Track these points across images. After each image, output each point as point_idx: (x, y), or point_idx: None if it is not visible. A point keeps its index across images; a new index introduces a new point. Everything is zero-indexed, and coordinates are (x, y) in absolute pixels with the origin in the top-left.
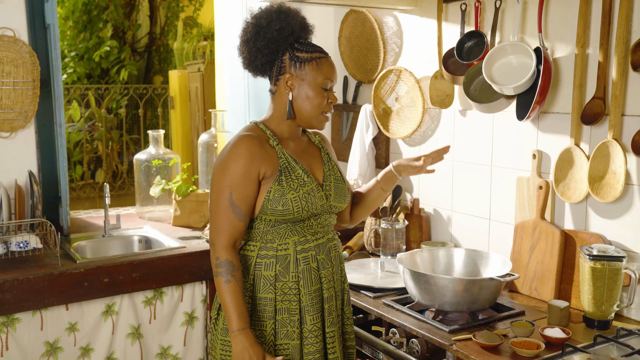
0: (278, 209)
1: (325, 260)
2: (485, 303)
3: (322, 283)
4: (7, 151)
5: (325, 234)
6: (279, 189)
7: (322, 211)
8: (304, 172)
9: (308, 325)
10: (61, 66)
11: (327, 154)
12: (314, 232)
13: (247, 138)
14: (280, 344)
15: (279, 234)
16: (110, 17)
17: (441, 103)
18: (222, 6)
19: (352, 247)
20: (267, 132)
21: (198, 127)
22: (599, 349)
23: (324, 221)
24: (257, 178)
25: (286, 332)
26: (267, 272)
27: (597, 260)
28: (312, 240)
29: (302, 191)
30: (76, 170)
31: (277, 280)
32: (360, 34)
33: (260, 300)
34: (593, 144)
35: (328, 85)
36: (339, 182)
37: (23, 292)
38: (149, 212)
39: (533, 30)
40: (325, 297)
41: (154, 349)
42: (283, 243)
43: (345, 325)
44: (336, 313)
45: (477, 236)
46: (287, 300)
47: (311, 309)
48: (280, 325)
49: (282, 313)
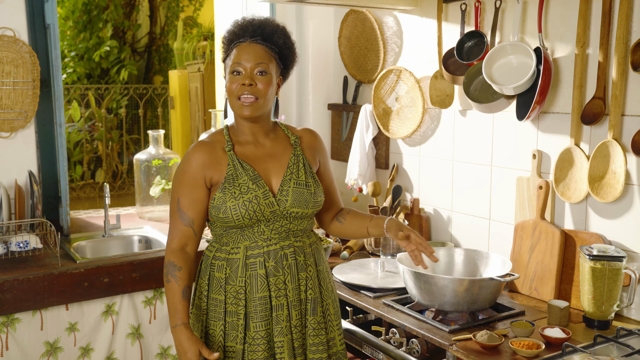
0: (219, 216)
1: (275, 267)
2: (485, 303)
3: (270, 291)
4: (7, 151)
5: (281, 240)
6: (221, 196)
7: (273, 217)
8: (250, 179)
9: (251, 332)
10: (61, 66)
11: (298, 155)
12: (266, 237)
13: (199, 146)
14: (229, 346)
15: (232, 238)
16: (110, 17)
17: (441, 103)
18: (222, 6)
19: (352, 247)
20: (226, 137)
21: (198, 127)
22: (599, 349)
23: (279, 228)
24: (205, 185)
25: (235, 336)
26: (218, 274)
27: (597, 260)
28: (262, 246)
29: (242, 199)
30: (76, 170)
31: (227, 283)
32: (360, 34)
33: (212, 301)
34: (593, 144)
35: (236, 68)
36: (301, 187)
37: (23, 292)
38: (149, 212)
39: (533, 30)
40: (274, 305)
41: (154, 349)
42: (235, 247)
43: (309, 336)
44: (287, 323)
45: (477, 236)
46: (234, 303)
47: (255, 316)
48: (230, 327)
49: (232, 316)
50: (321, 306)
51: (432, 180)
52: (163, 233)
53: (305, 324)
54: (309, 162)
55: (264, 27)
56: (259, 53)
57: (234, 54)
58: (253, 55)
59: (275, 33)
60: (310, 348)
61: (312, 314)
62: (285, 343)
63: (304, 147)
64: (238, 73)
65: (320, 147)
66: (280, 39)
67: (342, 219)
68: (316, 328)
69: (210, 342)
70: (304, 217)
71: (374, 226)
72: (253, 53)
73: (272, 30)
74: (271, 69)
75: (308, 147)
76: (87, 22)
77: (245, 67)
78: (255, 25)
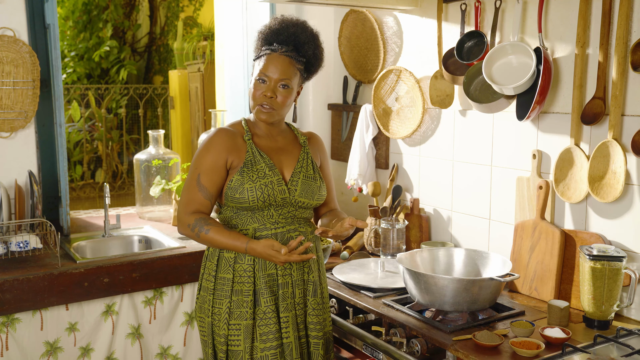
0: (236, 196)
1: None
2: (485, 303)
3: (277, 269)
4: (7, 151)
5: (287, 224)
6: (239, 178)
7: (283, 203)
8: (266, 166)
9: (262, 307)
10: (61, 66)
11: (307, 153)
12: (274, 221)
13: (223, 131)
14: (233, 324)
15: (242, 220)
16: (110, 17)
17: (441, 103)
18: (222, 6)
19: (352, 247)
20: (245, 128)
21: (198, 127)
22: (599, 349)
23: (286, 213)
24: (225, 166)
25: (240, 313)
26: (227, 254)
27: (597, 260)
28: (271, 228)
29: (259, 182)
30: (76, 170)
31: (236, 262)
32: (360, 34)
33: (220, 280)
34: (593, 144)
35: (262, 77)
36: (309, 180)
37: (23, 292)
38: (149, 212)
39: (533, 30)
40: (280, 283)
41: (154, 349)
42: (244, 229)
43: (309, 315)
44: (292, 300)
45: (477, 236)
46: (242, 282)
47: (265, 292)
48: (235, 305)
49: (238, 294)
50: (320, 289)
51: (432, 180)
52: (163, 233)
53: (306, 304)
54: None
55: (297, 35)
56: (285, 68)
57: (263, 61)
58: (280, 69)
59: (307, 43)
60: (309, 326)
61: (313, 295)
62: (290, 318)
63: (310, 147)
64: (263, 82)
65: (322, 149)
66: (310, 49)
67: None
68: (316, 308)
69: (216, 320)
70: (308, 207)
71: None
72: (280, 67)
73: (305, 40)
74: (293, 83)
75: (313, 149)
76: (87, 22)
77: (270, 79)
78: (290, 32)
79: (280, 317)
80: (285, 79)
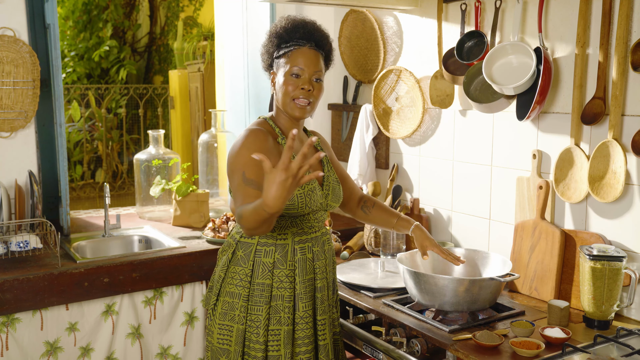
0: None
1: (319, 252)
2: (485, 303)
3: (315, 273)
4: (7, 151)
5: (320, 228)
6: None
7: (319, 208)
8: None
9: (300, 312)
10: (61, 66)
11: (325, 155)
12: (310, 226)
13: (258, 132)
14: (272, 329)
15: (279, 225)
16: (110, 17)
17: (441, 103)
18: (222, 6)
19: (352, 247)
20: (275, 130)
21: (198, 127)
22: (599, 349)
23: (320, 217)
24: None
25: (279, 318)
26: (266, 259)
27: (597, 260)
28: (309, 232)
29: (307, 188)
30: (76, 170)
31: (275, 267)
32: (360, 34)
33: (257, 286)
34: (593, 144)
35: (295, 71)
36: (336, 183)
37: (23, 292)
38: (149, 212)
39: (533, 30)
40: (318, 286)
41: (154, 349)
42: (282, 234)
43: (332, 313)
44: (327, 302)
45: (477, 236)
46: (282, 287)
47: (304, 297)
48: (274, 311)
49: (277, 300)
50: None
51: (432, 180)
52: (163, 233)
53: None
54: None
55: (314, 32)
56: (317, 61)
57: (292, 56)
58: (313, 61)
59: (323, 39)
60: (334, 323)
61: (336, 293)
62: (327, 320)
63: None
64: (297, 76)
65: (328, 146)
66: (327, 45)
67: (367, 210)
68: (333, 306)
69: (253, 327)
70: (333, 209)
71: (400, 227)
72: (314, 59)
73: (321, 36)
74: (324, 77)
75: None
76: (87, 22)
77: (304, 72)
78: (308, 29)
79: (318, 320)
80: (319, 72)
